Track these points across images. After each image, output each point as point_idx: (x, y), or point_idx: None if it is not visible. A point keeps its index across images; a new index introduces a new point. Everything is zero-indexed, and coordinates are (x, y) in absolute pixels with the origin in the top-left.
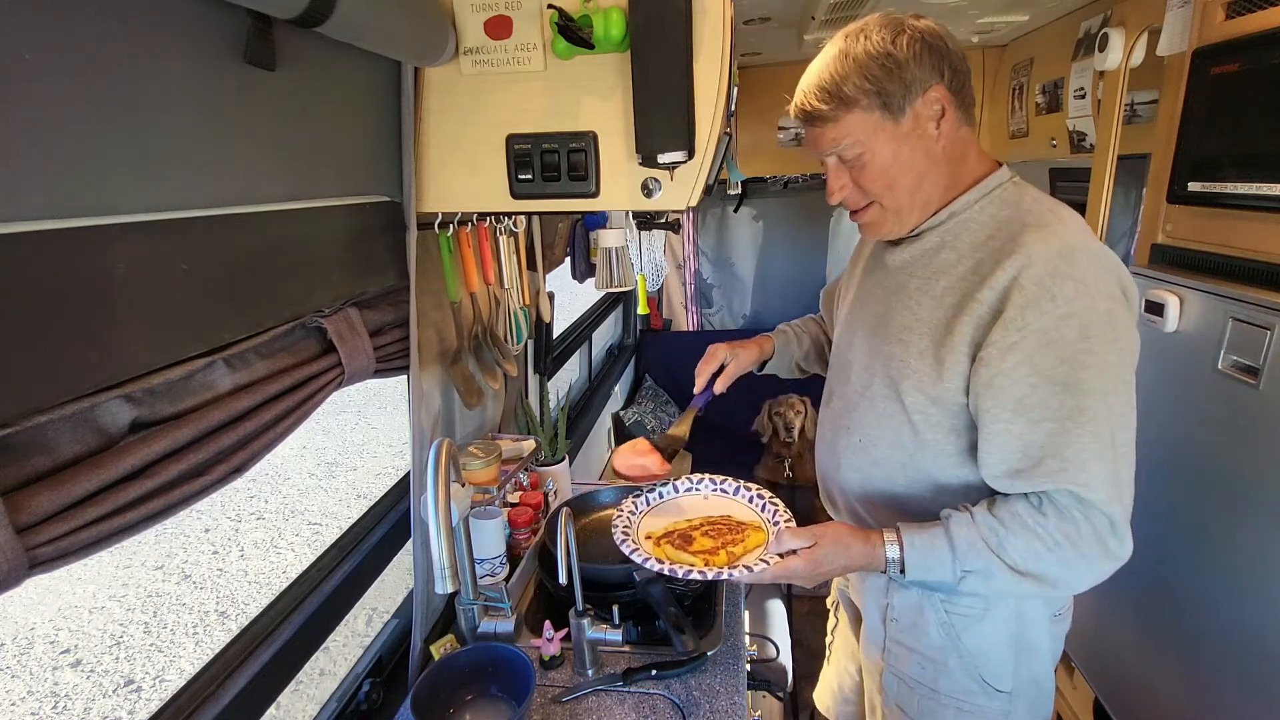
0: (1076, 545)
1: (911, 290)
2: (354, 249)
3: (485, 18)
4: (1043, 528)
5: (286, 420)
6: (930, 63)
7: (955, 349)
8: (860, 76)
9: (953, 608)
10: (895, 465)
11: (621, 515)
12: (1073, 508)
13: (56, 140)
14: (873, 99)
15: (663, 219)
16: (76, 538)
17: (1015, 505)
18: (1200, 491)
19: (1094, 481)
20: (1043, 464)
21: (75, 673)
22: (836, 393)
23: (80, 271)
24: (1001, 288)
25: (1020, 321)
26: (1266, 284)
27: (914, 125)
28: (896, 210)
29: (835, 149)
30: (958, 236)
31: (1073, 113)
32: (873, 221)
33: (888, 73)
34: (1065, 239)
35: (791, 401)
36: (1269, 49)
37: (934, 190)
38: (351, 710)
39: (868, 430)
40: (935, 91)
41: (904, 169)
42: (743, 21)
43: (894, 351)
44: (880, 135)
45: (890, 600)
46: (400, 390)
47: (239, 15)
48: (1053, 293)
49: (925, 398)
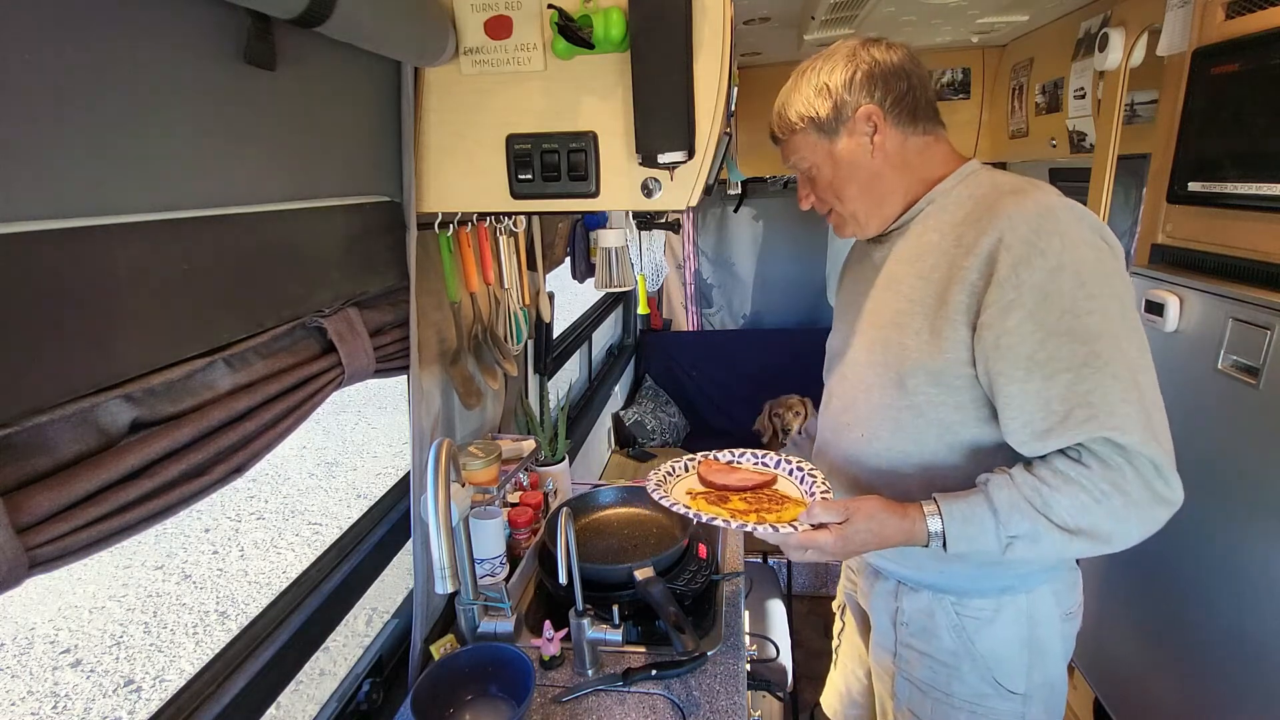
0: (1125, 492)
1: (899, 276)
2: (354, 249)
3: (485, 18)
4: (1087, 479)
5: (286, 420)
6: (863, 87)
7: (950, 319)
8: (802, 104)
9: (964, 610)
10: (899, 455)
11: (658, 472)
12: (1113, 454)
13: (56, 140)
14: (809, 124)
15: (663, 219)
16: (76, 538)
17: (1054, 461)
18: (1200, 491)
19: (1126, 423)
20: (1070, 416)
21: (75, 673)
22: (835, 393)
23: (80, 271)
24: (987, 252)
25: (1015, 280)
26: (1266, 284)
27: (849, 141)
28: (852, 214)
29: (792, 163)
30: (939, 218)
31: (1073, 113)
32: (836, 224)
33: (822, 101)
34: (1041, 199)
35: (790, 402)
36: (1269, 49)
37: (887, 191)
38: (351, 710)
39: (869, 423)
40: (865, 109)
41: (846, 179)
42: (743, 21)
43: (890, 337)
44: (819, 152)
45: (900, 604)
46: (400, 390)
47: (239, 15)
48: (1040, 248)
49: (928, 376)
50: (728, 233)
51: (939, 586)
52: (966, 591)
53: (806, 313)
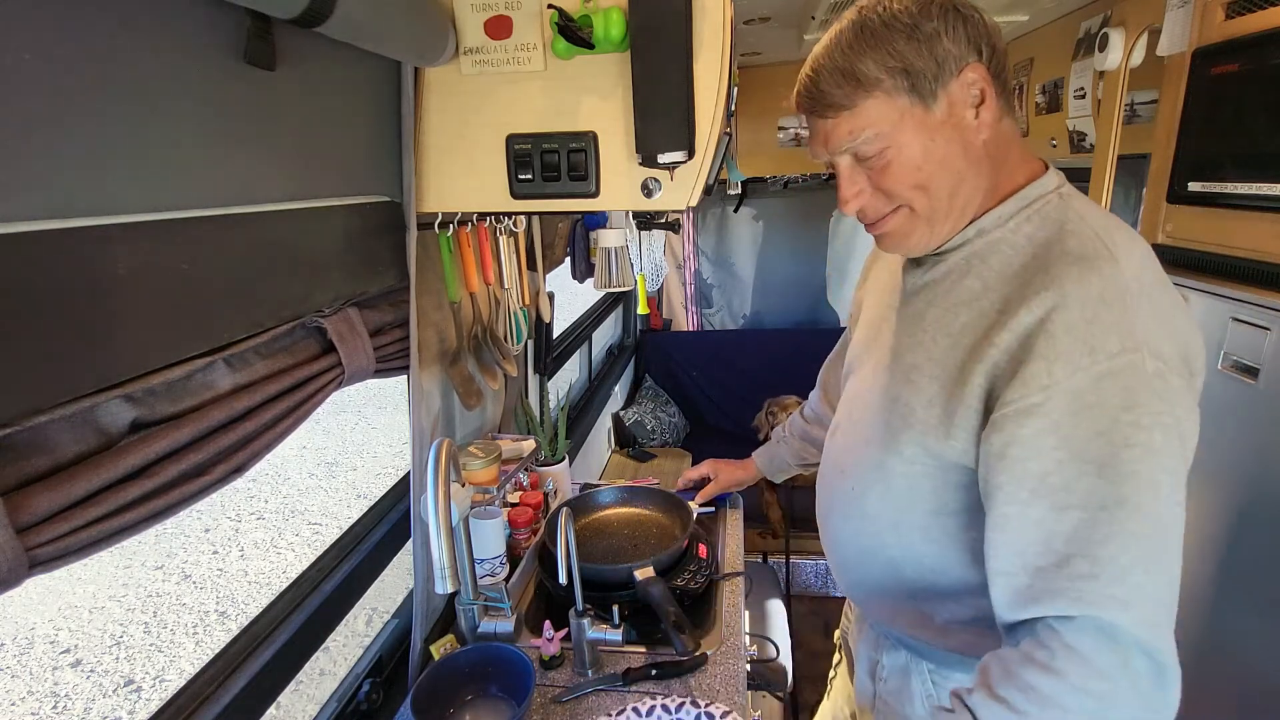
0: (1117, 707)
1: (928, 322)
2: (354, 249)
3: (485, 18)
4: (1070, 696)
5: (286, 420)
6: (966, 36)
7: (966, 402)
8: (882, 52)
9: (940, 680)
10: (886, 523)
11: None
12: (1103, 650)
13: (56, 140)
14: (899, 79)
15: (663, 219)
16: (76, 538)
17: (1023, 674)
18: (1200, 492)
19: (1135, 598)
20: (1069, 564)
21: (75, 673)
22: (841, 427)
23: (80, 271)
24: (1023, 332)
25: (1046, 379)
26: (1266, 284)
27: (949, 113)
28: (929, 217)
29: (851, 144)
30: (985, 261)
31: (1073, 113)
32: (897, 230)
33: (916, 48)
34: (1112, 276)
35: (787, 404)
36: (1269, 49)
37: (973, 195)
38: (351, 710)
39: (860, 477)
40: (973, 72)
41: (939, 166)
42: (743, 21)
43: (900, 393)
44: (908, 125)
45: (881, 657)
46: (400, 390)
47: (239, 15)
48: (1091, 345)
49: (925, 452)
50: (728, 233)
51: (917, 650)
52: (944, 661)
53: (806, 313)
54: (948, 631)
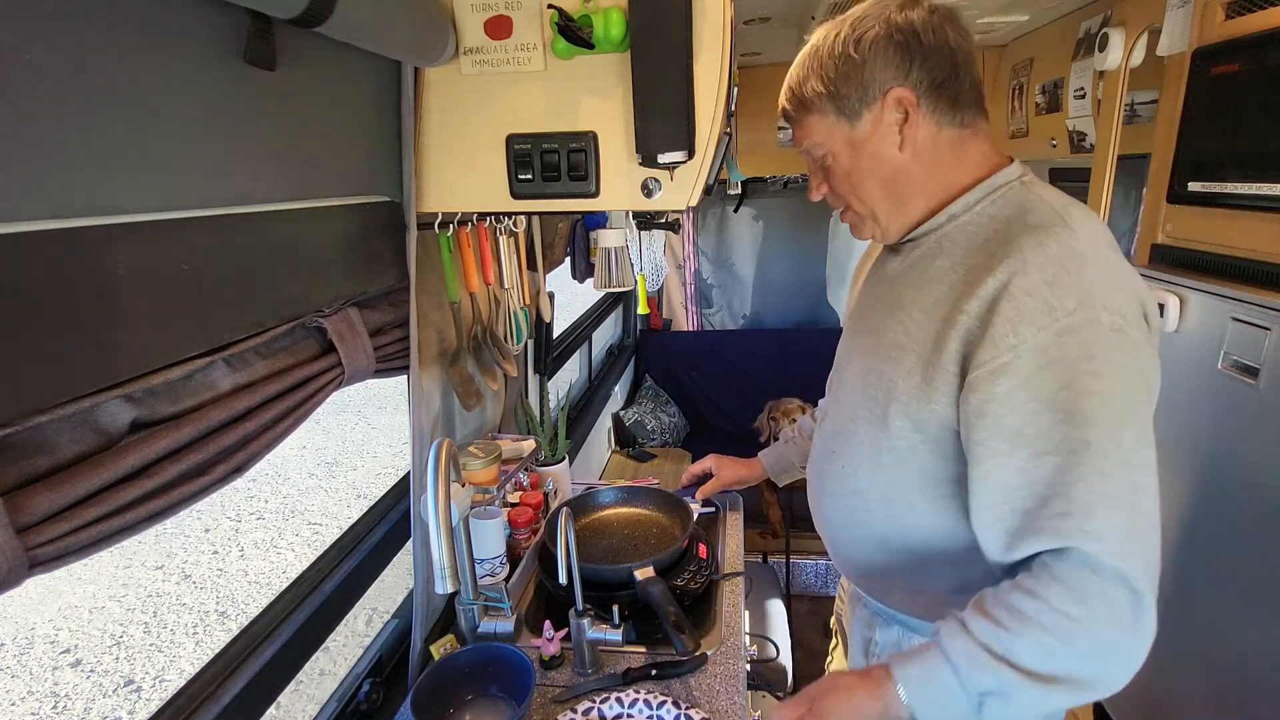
0: (1092, 628)
1: (905, 302)
2: (354, 249)
3: (485, 18)
4: (1049, 616)
5: (286, 420)
6: (894, 62)
7: (943, 368)
8: (817, 79)
9: None
10: (877, 499)
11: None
12: (1084, 579)
13: (56, 140)
14: (826, 102)
15: (663, 219)
16: (76, 538)
17: (1010, 597)
18: (1200, 492)
19: (1104, 530)
20: (1048, 505)
21: (75, 673)
22: (830, 414)
23: (80, 271)
24: (989, 297)
25: (1013, 338)
26: (1266, 284)
27: (874, 129)
28: (871, 215)
29: (805, 148)
30: (955, 242)
31: (1072, 113)
32: (853, 223)
33: (844, 75)
34: (1067, 242)
35: (788, 407)
36: (1269, 49)
37: (913, 193)
38: (351, 710)
39: (850, 456)
40: (896, 93)
41: (866, 175)
42: (743, 21)
43: (884, 370)
44: (837, 139)
45: (874, 635)
46: (400, 390)
47: (239, 15)
48: (1050, 304)
49: (912, 423)
50: (728, 233)
51: (908, 625)
52: None
53: (806, 313)
54: (938, 603)
